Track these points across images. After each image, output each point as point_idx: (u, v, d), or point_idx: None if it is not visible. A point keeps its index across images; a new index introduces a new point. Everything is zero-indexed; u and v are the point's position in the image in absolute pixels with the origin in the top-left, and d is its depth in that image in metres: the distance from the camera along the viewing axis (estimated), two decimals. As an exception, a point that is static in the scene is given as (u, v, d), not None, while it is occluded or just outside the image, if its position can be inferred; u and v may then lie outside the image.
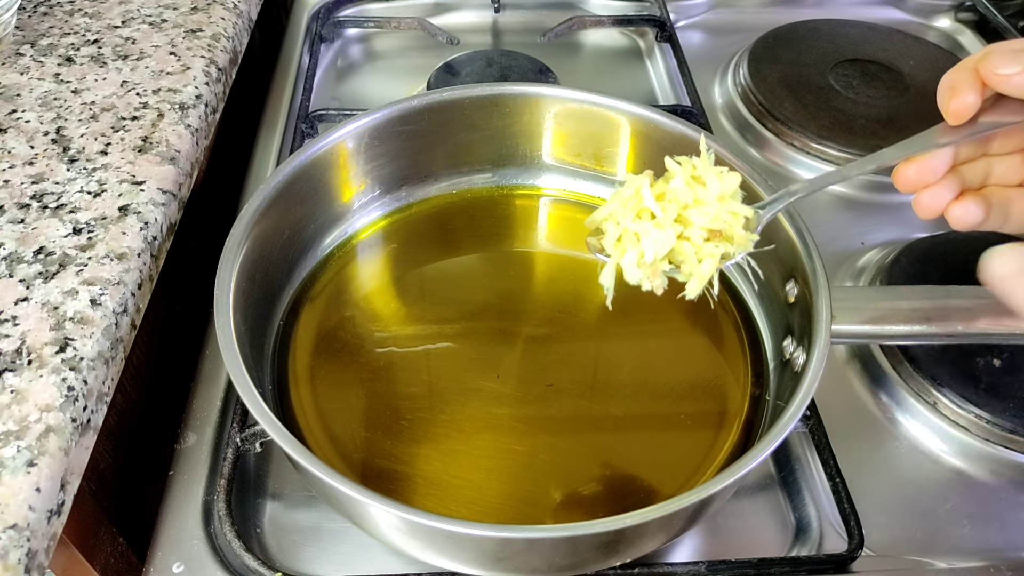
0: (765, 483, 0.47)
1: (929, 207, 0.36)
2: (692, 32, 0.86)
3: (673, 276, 0.39)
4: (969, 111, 0.34)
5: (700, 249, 0.38)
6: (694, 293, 0.38)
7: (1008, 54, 0.32)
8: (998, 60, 0.32)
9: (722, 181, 0.38)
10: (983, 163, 0.37)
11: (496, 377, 0.47)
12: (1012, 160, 0.37)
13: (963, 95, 0.33)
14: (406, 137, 0.54)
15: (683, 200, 0.37)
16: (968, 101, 0.33)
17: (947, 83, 0.34)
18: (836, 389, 0.52)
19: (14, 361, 0.36)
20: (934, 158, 0.35)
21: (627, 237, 0.38)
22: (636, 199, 0.38)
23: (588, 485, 0.43)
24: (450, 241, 0.56)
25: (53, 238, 0.42)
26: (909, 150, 0.36)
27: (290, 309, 0.51)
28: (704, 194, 0.38)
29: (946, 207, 0.36)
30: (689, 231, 0.38)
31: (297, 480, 0.46)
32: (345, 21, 0.82)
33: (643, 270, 0.38)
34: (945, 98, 0.34)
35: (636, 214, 0.38)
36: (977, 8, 0.87)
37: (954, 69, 0.34)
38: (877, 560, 0.43)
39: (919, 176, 0.36)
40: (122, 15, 0.60)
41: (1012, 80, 0.32)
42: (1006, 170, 0.37)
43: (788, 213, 0.45)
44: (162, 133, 0.50)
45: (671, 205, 0.38)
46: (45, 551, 0.33)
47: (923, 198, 0.36)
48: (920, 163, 0.35)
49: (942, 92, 0.34)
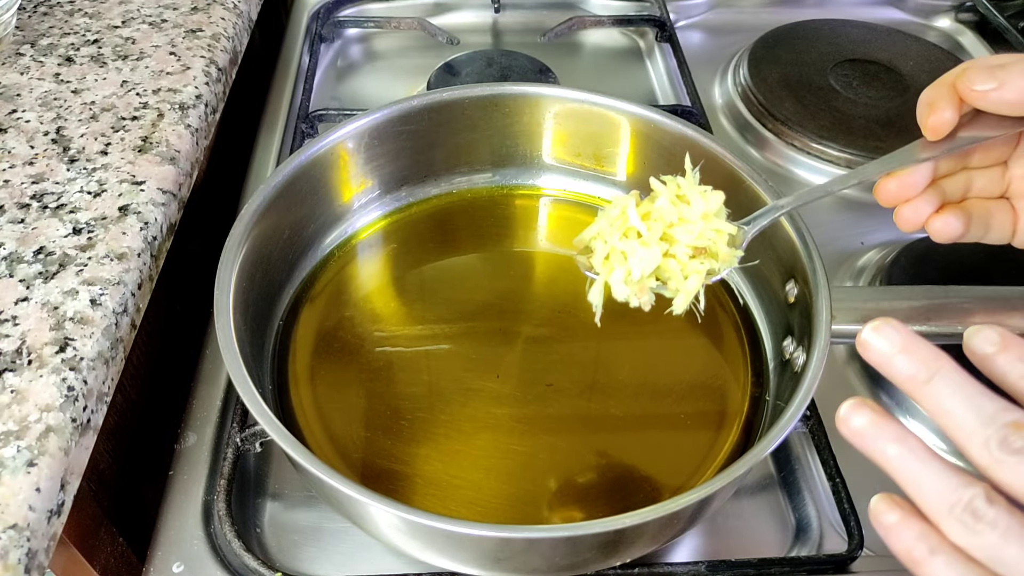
0: (765, 483, 0.47)
1: (910, 220, 0.37)
2: (692, 32, 0.86)
3: (660, 292, 0.40)
4: (947, 127, 0.34)
5: (686, 266, 0.39)
6: (681, 309, 0.39)
7: (985, 70, 0.33)
8: (975, 76, 0.33)
9: (706, 200, 0.39)
10: (963, 176, 0.38)
11: (496, 377, 0.47)
12: (992, 173, 0.38)
13: (941, 111, 0.34)
14: (406, 137, 0.54)
15: (668, 219, 0.38)
16: (946, 117, 0.34)
17: (926, 99, 0.35)
18: (836, 389, 0.52)
19: (14, 361, 0.36)
20: (914, 172, 0.36)
21: (615, 256, 0.39)
22: (622, 218, 0.39)
23: (588, 485, 0.43)
24: (450, 241, 0.56)
25: (53, 238, 0.42)
26: (890, 165, 0.36)
27: (290, 309, 0.51)
28: (688, 212, 0.38)
29: (927, 220, 0.37)
30: (675, 249, 0.39)
31: (297, 480, 0.46)
32: (345, 21, 0.82)
33: (631, 287, 0.39)
34: (924, 114, 0.35)
35: (623, 233, 0.39)
36: (977, 8, 0.87)
37: (933, 85, 0.35)
38: (877, 560, 0.43)
39: (900, 190, 0.36)
40: (122, 15, 0.60)
41: (989, 96, 0.33)
42: (986, 183, 0.38)
43: (788, 213, 0.45)
44: (162, 133, 0.50)
45: (656, 224, 0.38)
46: (45, 551, 0.33)
47: (904, 212, 0.37)
48: (901, 178, 0.36)
49: (921, 108, 0.35)
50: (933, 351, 0.26)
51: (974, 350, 0.26)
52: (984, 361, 0.26)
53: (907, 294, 0.42)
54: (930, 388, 0.25)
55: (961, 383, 0.25)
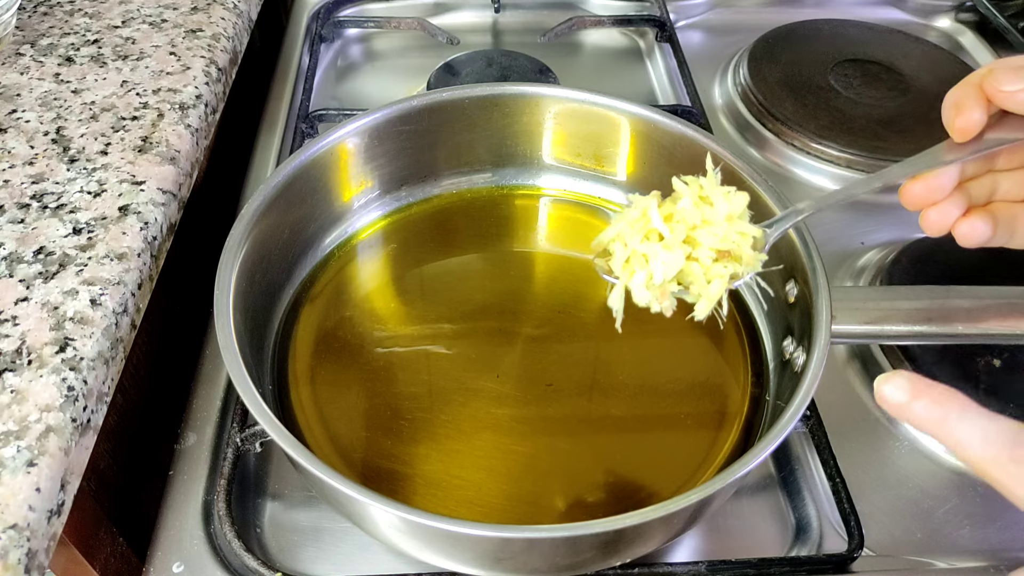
0: (765, 483, 0.47)
1: (937, 224, 0.36)
2: (692, 32, 0.86)
3: (682, 297, 0.38)
4: (975, 128, 0.33)
5: (709, 270, 0.37)
6: (703, 314, 0.38)
7: (1013, 71, 0.32)
8: (1003, 77, 0.32)
9: (730, 201, 0.37)
10: (989, 179, 0.37)
11: (496, 377, 0.47)
12: (1018, 176, 0.37)
13: (968, 112, 0.33)
14: (406, 137, 0.54)
15: (691, 221, 0.37)
16: (974, 118, 0.33)
17: (952, 100, 0.34)
18: (836, 389, 0.52)
19: (14, 361, 0.36)
20: (941, 175, 0.35)
21: (635, 259, 0.38)
22: (644, 220, 0.38)
23: (588, 485, 0.43)
24: (450, 241, 0.56)
25: (53, 238, 0.42)
26: (915, 167, 0.35)
27: (290, 309, 0.51)
28: (712, 214, 0.37)
29: (953, 224, 0.36)
30: (697, 252, 0.37)
31: (297, 480, 0.46)
32: (345, 21, 0.82)
33: (652, 292, 0.38)
34: (950, 115, 0.34)
35: (644, 235, 0.38)
36: (977, 8, 0.87)
37: (959, 86, 0.34)
38: (877, 560, 0.43)
39: (926, 193, 0.35)
40: (122, 15, 0.60)
41: (1017, 97, 0.32)
42: (1012, 186, 0.37)
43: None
44: (162, 133, 0.50)
45: (679, 226, 0.37)
46: (45, 551, 0.33)
47: (930, 215, 0.36)
48: (927, 180, 0.35)
49: (947, 109, 0.34)
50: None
51: (886, 398, 0.27)
52: (899, 410, 0.27)
53: (907, 294, 0.42)
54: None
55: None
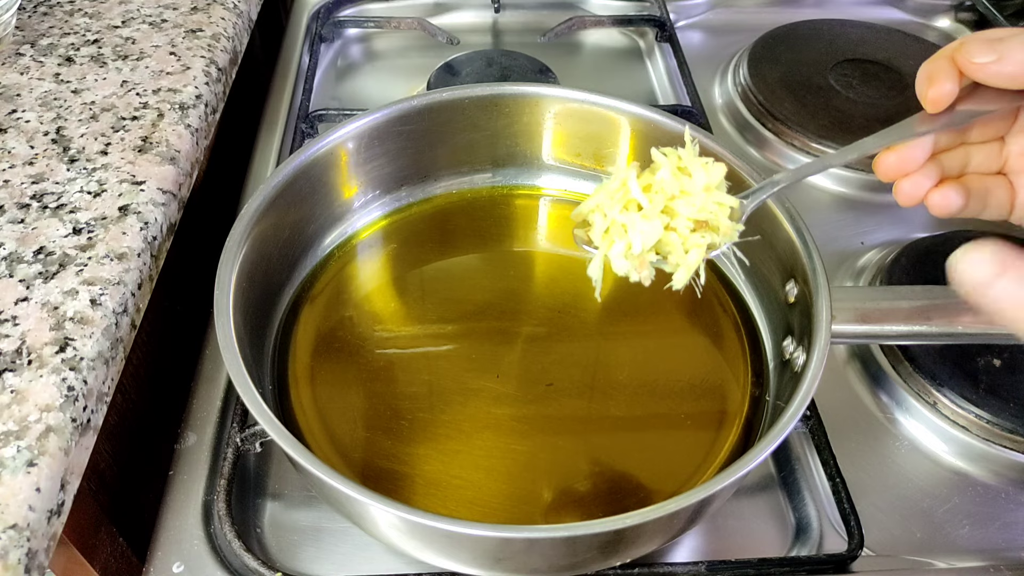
0: (765, 483, 0.47)
1: (909, 194, 0.37)
2: (692, 32, 0.86)
3: (660, 267, 0.39)
4: (946, 99, 0.34)
5: (687, 240, 0.38)
6: (681, 284, 0.39)
7: (984, 43, 0.33)
8: (974, 49, 0.33)
9: (708, 172, 0.38)
10: (962, 152, 0.38)
11: (496, 377, 0.47)
12: (990, 148, 0.38)
13: (940, 83, 0.34)
14: (406, 137, 0.54)
15: (669, 191, 0.38)
16: (945, 89, 0.34)
17: (925, 72, 0.35)
18: (836, 389, 0.52)
19: (14, 361, 0.36)
20: (914, 147, 0.36)
21: (614, 229, 0.38)
22: (623, 191, 0.38)
23: (588, 485, 0.43)
24: (450, 241, 0.56)
25: (53, 238, 0.42)
26: (889, 139, 0.36)
27: (290, 309, 0.51)
28: (690, 185, 0.38)
29: (926, 194, 0.37)
30: (676, 222, 0.38)
31: (297, 480, 0.46)
32: (345, 21, 0.82)
33: (631, 261, 0.38)
34: (923, 87, 0.35)
35: (623, 206, 0.38)
36: (977, 8, 0.87)
37: (932, 58, 0.35)
38: (877, 560, 0.43)
39: (899, 164, 0.36)
40: (122, 15, 0.60)
41: (987, 68, 0.33)
42: (984, 158, 0.38)
43: (788, 213, 0.45)
44: (162, 133, 0.50)
45: (658, 196, 0.38)
46: (45, 551, 0.33)
47: (903, 185, 0.37)
48: (900, 151, 0.36)
49: (920, 81, 0.35)
50: None
51: (967, 275, 0.28)
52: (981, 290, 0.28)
53: (907, 294, 0.42)
54: None
55: None
